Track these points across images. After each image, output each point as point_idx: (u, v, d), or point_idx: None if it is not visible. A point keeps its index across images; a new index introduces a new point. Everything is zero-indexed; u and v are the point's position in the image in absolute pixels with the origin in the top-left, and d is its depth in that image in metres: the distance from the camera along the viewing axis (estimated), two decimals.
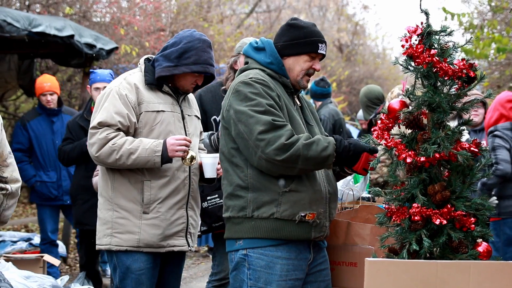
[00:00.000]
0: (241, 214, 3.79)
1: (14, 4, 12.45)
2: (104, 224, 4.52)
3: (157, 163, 4.38)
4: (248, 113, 3.69)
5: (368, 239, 4.00)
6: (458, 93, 3.42)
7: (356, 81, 26.25)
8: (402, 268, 3.21)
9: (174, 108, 4.61)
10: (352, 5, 42.06)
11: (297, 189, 3.73)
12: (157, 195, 4.48)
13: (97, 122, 4.41)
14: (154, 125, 4.50)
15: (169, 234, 4.51)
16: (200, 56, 4.55)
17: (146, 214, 4.46)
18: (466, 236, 3.36)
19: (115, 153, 4.35)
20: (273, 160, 3.63)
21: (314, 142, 3.66)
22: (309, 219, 3.75)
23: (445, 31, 3.44)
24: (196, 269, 9.86)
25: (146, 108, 4.48)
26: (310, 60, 3.90)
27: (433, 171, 3.39)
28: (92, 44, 9.81)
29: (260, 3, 22.96)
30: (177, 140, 4.39)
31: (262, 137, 3.63)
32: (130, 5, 14.25)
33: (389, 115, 3.46)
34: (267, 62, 3.90)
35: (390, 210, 3.44)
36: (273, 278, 3.76)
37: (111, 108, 4.42)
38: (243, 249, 3.82)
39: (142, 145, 4.37)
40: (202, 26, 15.91)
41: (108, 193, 4.52)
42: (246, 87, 3.77)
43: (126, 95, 4.45)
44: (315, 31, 3.91)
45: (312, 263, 3.90)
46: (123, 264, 4.50)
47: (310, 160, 3.64)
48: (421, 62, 3.38)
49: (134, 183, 4.47)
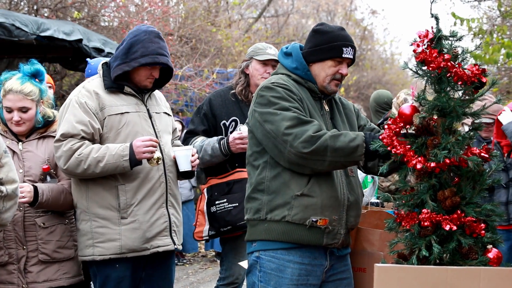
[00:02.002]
0: (256, 217, 3.79)
1: (22, 9, 12.50)
2: (84, 235, 4.44)
3: (126, 167, 4.32)
4: (273, 112, 3.70)
5: (377, 245, 3.98)
6: (470, 98, 3.40)
7: (364, 86, 26.25)
8: (411, 274, 3.19)
9: (139, 107, 4.53)
10: (360, 10, 41.99)
11: (309, 193, 3.70)
12: (133, 198, 4.41)
13: (60, 134, 4.34)
14: (120, 128, 4.42)
15: (151, 235, 4.45)
16: (147, 48, 4.44)
17: (124, 219, 4.39)
18: (476, 242, 3.34)
19: (83, 163, 4.28)
20: (301, 153, 3.60)
21: (341, 134, 3.64)
22: (320, 225, 3.72)
23: (455, 36, 3.42)
24: (204, 273, 9.84)
25: (109, 112, 4.40)
26: (335, 65, 3.86)
27: (443, 177, 3.37)
28: (100, 48, 9.84)
29: (268, 7, 22.97)
30: (143, 142, 4.31)
31: (289, 131, 3.62)
32: (138, 10, 14.27)
33: (400, 120, 3.43)
34: (293, 67, 3.90)
35: (399, 215, 3.42)
36: (283, 281, 3.74)
37: (71, 118, 4.35)
38: (256, 251, 3.82)
39: (108, 151, 4.30)
40: (210, 30, 15.94)
41: (83, 204, 4.44)
42: (268, 91, 3.77)
43: (86, 103, 4.38)
44: (340, 35, 3.86)
45: (330, 270, 3.85)
46: (103, 272, 4.45)
47: (339, 151, 3.59)
48: (435, 67, 3.35)
49: (108, 189, 4.40)
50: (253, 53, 5.56)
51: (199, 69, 14.12)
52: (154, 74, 4.53)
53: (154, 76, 4.54)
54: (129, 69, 4.44)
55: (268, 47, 5.58)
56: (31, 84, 4.41)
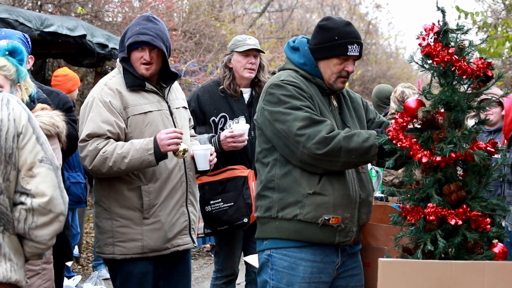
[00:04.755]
0: (267, 215, 3.76)
1: (26, 4, 12.49)
2: (104, 233, 4.43)
3: (151, 161, 4.26)
4: (284, 111, 3.64)
5: (381, 239, 3.97)
6: (476, 92, 3.38)
7: (368, 81, 26.19)
8: (416, 269, 3.18)
9: (161, 105, 4.50)
10: (365, 4, 42.01)
11: (321, 192, 3.67)
12: (156, 199, 4.39)
13: (86, 134, 4.28)
14: (144, 128, 4.39)
15: (172, 235, 4.45)
16: (134, 31, 4.37)
17: (146, 220, 4.38)
18: (482, 236, 3.32)
19: (108, 160, 4.24)
20: (314, 155, 3.57)
21: (355, 134, 3.59)
22: (333, 223, 3.69)
23: (461, 29, 3.40)
24: (209, 269, 9.83)
25: (133, 112, 4.37)
26: (341, 62, 3.79)
27: (449, 171, 3.35)
28: (104, 44, 9.83)
29: (272, 2, 22.94)
30: (167, 134, 4.27)
31: (302, 132, 3.58)
32: (142, 5, 14.27)
33: (405, 114, 3.41)
34: (301, 63, 3.83)
35: (404, 209, 3.40)
36: (295, 279, 3.72)
37: (97, 117, 4.29)
38: (267, 249, 3.79)
39: (133, 147, 4.25)
40: (214, 25, 15.92)
41: (104, 203, 4.43)
42: (279, 89, 3.71)
43: (110, 102, 4.33)
44: (345, 32, 3.77)
45: (341, 267, 3.83)
46: (125, 269, 4.45)
47: (353, 152, 3.56)
48: (439, 60, 3.34)
49: (131, 189, 4.37)
50: (233, 46, 5.56)
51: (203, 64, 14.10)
52: (145, 57, 4.39)
53: (146, 59, 4.40)
54: (125, 56, 4.40)
55: (247, 38, 5.59)
56: (5, 59, 3.71)
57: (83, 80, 13.50)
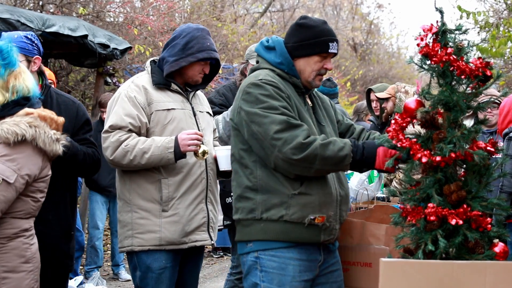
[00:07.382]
0: (250, 216, 3.75)
1: (28, 5, 12.51)
2: (125, 227, 4.55)
3: (170, 159, 4.41)
4: (261, 113, 3.63)
5: (383, 239, 3.97)
6: (475, 92, 3.38)
7: (370, 81, 26.21)
8: (417, 269, 3.18)
9: (185, 105, 4.64)
10: (367, 4, 41.94)
11: (306, 192, 3.68)
12: (175, 192, 4.50)
13: (109, 126, 4.46)
14: (166, 123, 4.52)
15: (190, 230, 4.53)
16: (203, 44, 4.59)
17: (165, 212, 4.48)
18: (483, 236, 3.32)
19: (129, 154, 4.39)
20: (290, 160, 3.57)
21: (331, 142, 3.61)
22: (318, 222, 3.71)
23: (460, 30, 3.40)
24: (210, 269, 9.85)
25: (157, 107, 4.51)
26: (321, 60, 3.83)
27: (449, 171, 3.35)
28: (105, 44, 9.85)
29: (274, 2, 22.96)
30: (188, 135, 4.42)
31: (278, 136, 3.58)
32: (144, 5, 14.28)
33: (405, 115, 3.41)
34: (277, 62, 3.84)
35: (405, 210, 3.40)
36: (286, 279, 3.73)
37: (120, 111, 4.47)
38: (254, 251, 3.78)
39: (154, 143, 4.40)
40: (216, 25, 15.93)
41: (125, 195, 4.55)
42: (257, 88, 3.70)
43: (135, 97, 4.49)
44: (325, 30, 3.82)
45: (323, 264, 3.87)
46: (144, 263, 4.51)
47: (327, 160, 3.58)
48: (437, 61, 3.34)
49: (151, 182, 4.49)
50: (248, 56, 5.88)
51: None
52: (205, 69, 4.68)
53: (205, 72, 4.69)
54: (186, 64, 4.57)
55: None
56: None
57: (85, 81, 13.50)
